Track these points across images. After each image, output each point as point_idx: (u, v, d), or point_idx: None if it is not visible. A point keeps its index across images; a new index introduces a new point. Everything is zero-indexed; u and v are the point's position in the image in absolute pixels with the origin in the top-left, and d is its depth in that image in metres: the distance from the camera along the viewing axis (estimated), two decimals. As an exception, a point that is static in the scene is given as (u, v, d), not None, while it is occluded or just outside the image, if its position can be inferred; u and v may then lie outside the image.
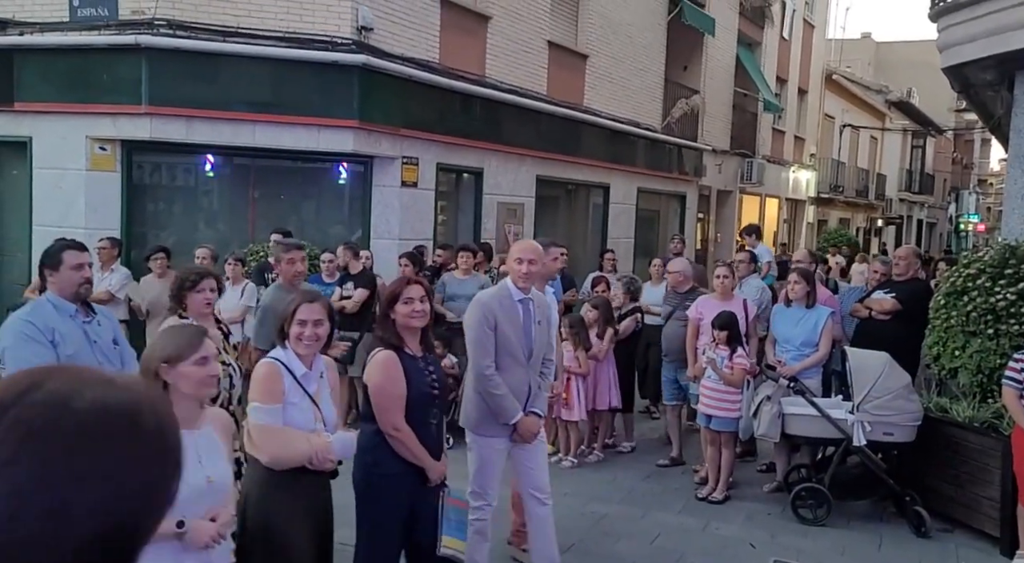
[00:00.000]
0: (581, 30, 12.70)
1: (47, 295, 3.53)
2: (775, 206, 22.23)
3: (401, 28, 9.09)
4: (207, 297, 3.85)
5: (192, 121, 8.16)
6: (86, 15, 8.15)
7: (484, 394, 3.92)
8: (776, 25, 20.20)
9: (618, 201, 13.89)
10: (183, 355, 2.49)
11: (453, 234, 10.33)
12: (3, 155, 8.82)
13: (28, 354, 3.27)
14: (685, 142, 15.81)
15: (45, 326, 3.35)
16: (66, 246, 3.56)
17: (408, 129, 9.12)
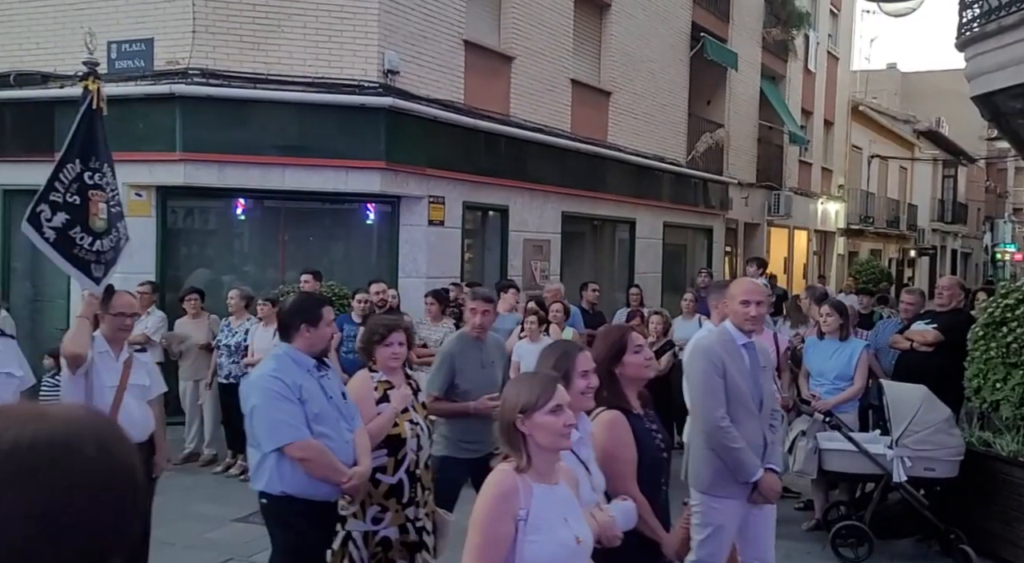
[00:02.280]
0: (604, 67, 12.84)
1: (286, 349, 3.37)
2: (804, 238, 22.03)
3: (427, 70, 9.27)
4: (395, 351, 3.72)
5: (224, 166, 8.35)
6: (124, 67, 8.43)
7: (719, 449, 3.53)
8: (800, 58, 20.25)
9: (644, 236, 13.87)
10: (537, 403, 2.27)
11: (480, 272, 10.37)
12: (43, 203, 9.07)
13: (279, 413, 3.18)
14: (710, 176, 15.80)
15: (292, 383, 3.23)
16: (323, 302, 3.51)
17: (434, 169, 9.24)
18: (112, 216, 4.26)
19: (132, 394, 3.97)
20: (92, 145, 4.28)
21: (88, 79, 4.48)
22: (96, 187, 4.19)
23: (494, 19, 10.68)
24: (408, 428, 3.68)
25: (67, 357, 3.80)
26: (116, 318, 4.02)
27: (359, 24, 8.54)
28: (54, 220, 4.01)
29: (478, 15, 10.27)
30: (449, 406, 4.28)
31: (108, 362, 3.95)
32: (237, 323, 7.34)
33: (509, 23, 10.69)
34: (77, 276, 4.10)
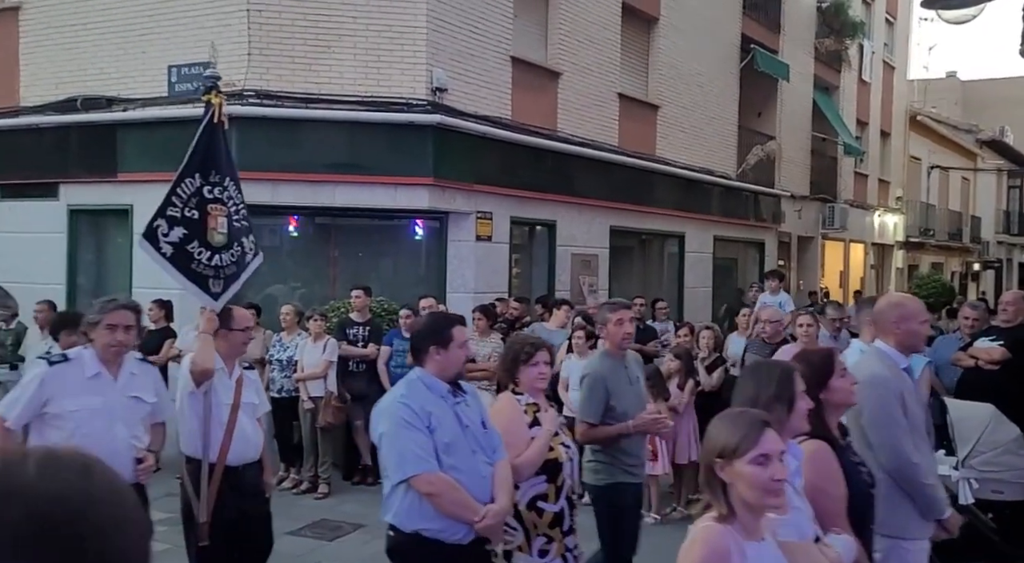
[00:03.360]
0: (651, 81, 12.79)
1: (419, 373, 3.14)
2: (860, 251, 21.48)
3: (474, 87, 9.36)
4: (542, 371, 3.50)
5: (277, 184, 8.55)
6: (183, 89, 8.73)
7: (911, 487, 3.16)
8: (854, 68, 19.84)
9: (694, 250, 13.70)
10: (739, 449, 1.96)
11: (527, 287, 10.38)
12: (108, 222, 9.44)
13: (406, 442, 2.96)
14: (762, 189, 15.56)
15: (421, 409, 3.00)
16: (453, 321, 3.23)
17: (482, 184, 9.31)
18: (234, 230, 4.21)
19: (244, 412, 3.95)
20: (213, 159, 4.23)
21: (210, 93, 4.44)
22: (216, 201, 4.14)
23: (541, 35, 10.75)
24: (563, 452, 3.50)
25: (196, 374, 3.77)
26: (235, 334, 3.99)
27: (407, 43, 8.68)
28: (171, 235, 3.98)
29: (525, 31, 10.34)
30: (607, 430, 4.05)
31: (223, 379, 3.92)
32: (288, 338, 7.49)
33: (556, 39, 10.74)
34: (194, 291, 4.05)
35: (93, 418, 3.47)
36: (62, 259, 9.37)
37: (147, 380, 3.76)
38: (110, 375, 3.58)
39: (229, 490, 3.83)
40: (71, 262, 9.46)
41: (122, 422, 3.55)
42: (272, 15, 8.44)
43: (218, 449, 3.81)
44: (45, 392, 3.46)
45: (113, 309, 3.58)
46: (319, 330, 7.29)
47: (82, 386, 3.50)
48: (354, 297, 7.61)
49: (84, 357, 3.58)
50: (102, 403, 3.50)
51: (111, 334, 3.52)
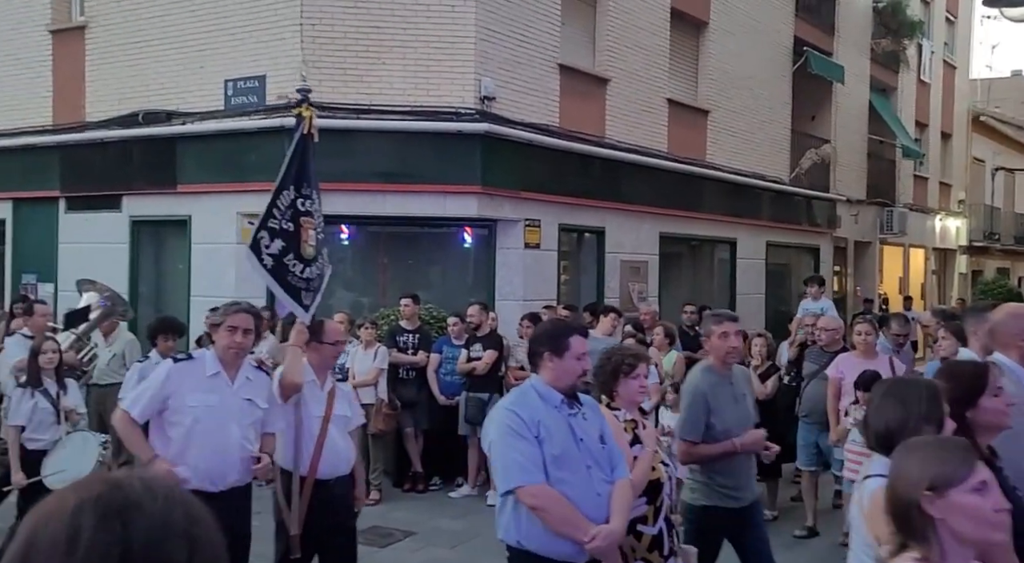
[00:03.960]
0: (701, 86, 12.65)
1: (533, 381, 3.01)
2: (921, 257, 20.83)
3: (521, 95, 9.39)
4: (643, 385, 3.36)
5: (329, 194, 8.62)
6: (239, 103, 8.97)
7: None
8: (912, 68, 19.30)
9: (746, 256, 13.48)
10: (956, 478, 1.74)
11: (576, 294, 10.34)
12: (167, 232, 9.74)
13: (513, 451, 2.83)
14: (816, 193, 15.23)
15: (531, 418, 2.86)
16: (573, 330, 3.08)
17: (530, 192, 9.32)
18: (319, 243, 4.26)
19: (336, 425, 3.92)
20: (304, 172, 4.31)
21: (301, 106, 4.51)
22: (307, 214, 4.20)
23: (589, 42, 10.73)
24: (664, 471, 3.34)
25: (285, 387, 3.80)
26: (326, 347, 3.99)
27: (456, 53, 8.76)
28: (272, 247, 4.03)
29: (573, 39, 10.34)
30: (710, 449, 3.80)
31: (315, 391, 3.92)
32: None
33: (604, 46, 10.71)
34: (290, 304, 4.07)
35: (209, 415, 3.59)
36: (124, 268, 9.69)
37: (261, 386, 3.82)
38: (227, 376, 3.69)
39: (319, 503, 3.82)
40: (133, 271, 9.77)
41: (235, 422, 3.65)
42: (325, 28, 8.62)
43: (309, 462, 3.82)
44: (168, 388, 3.59)
45: (235, 312, 3.70)
46: (370, 338, 7.38)
47: (201, 384, 3.62)
48: (403, 305, 7.69)
49: (206, 357, 3.73)
50: (218, 401, 3.62)
51: (231, 336, 3.63)
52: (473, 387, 7.36)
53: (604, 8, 10.71)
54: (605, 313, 7.88)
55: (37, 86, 10.37)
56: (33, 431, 5.07)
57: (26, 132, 10.34)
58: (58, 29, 10.25)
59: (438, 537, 6.27)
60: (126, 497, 0.86)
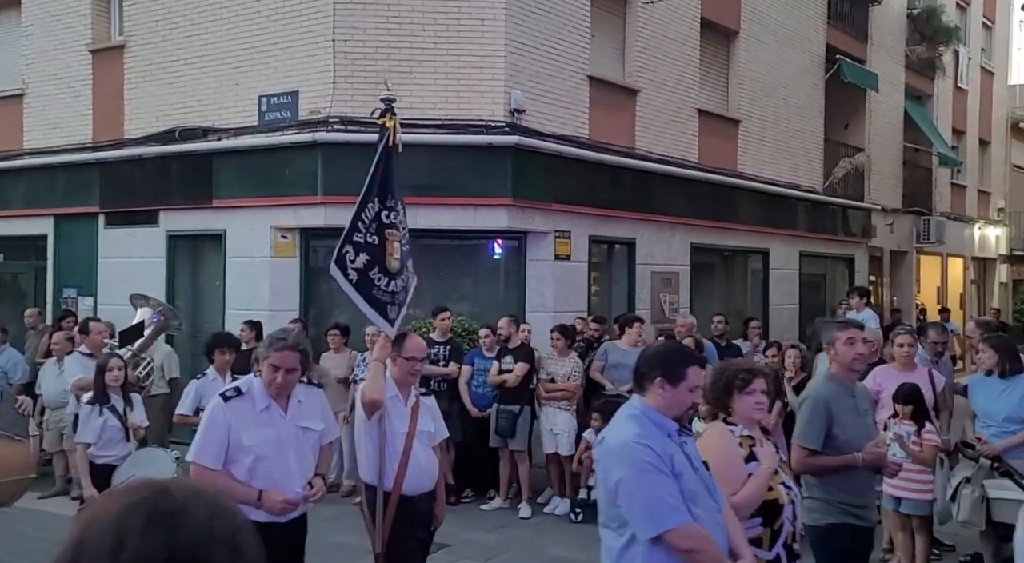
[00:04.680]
0: (732, 96, 12.57)
1: (643, 407, 2.79)
2: (959, 266, 20.41)
3: (551, 107, 9.41)
4: (759, 401, 3.18)
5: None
6: (272, 118, 9.11)
7: None
8: (949, 75, 18.99)
9: (779, 266, 13.32)
10: None
11: (607, 306, 10.29)
12: (203, 246, 9.89)
13: (657, 490, 2.57)
14: (850, 202, 15.02)
15: (664, 452, 2.64)
16: (693, 360, 2.86)
17: (560, 204, 9.32)
18: (404, 255, 4.15)
19: (420, 440, 3.85)
20: (389, 183, 4.22)
21: (385, 117, 4.41)
22: (392, 226, 4.10)
23: (618, 53, 10.73)
24: (784, 492, 3.11)
25: (366, 404, 3.72)
26: (408, 362, 3.88)
27: (486, 66, 8.81)
28: (357, 261, 3.95)
29: (602, 50, 10.35)
30: (830, 460, 3.59)
31: (398, 407, 3.84)
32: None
33: (634, 57, 10.70)
34: (375, 318, 4.00)
35: (268, 451, 3.46)
36: (162, 282, 9.85)
37: (314, 406, 3.69)
38: (279, 407, 3.54)
39: (403, 520, 3.76)
40: (170, 285, 9.93)
41: (294, 452, 3.54)
42: (356, 44, 8.72)
43: (393, 478, 3.75)
44: (228, 426, 3.46)
45: (279, 349, 3.47)
46: (401, 350, 7.41)
47: (255, 420, 3.48)
48: (440, 320, 7.70)
49: (254, 390, 3.54)
50: (275, 435, 3.48)
51: (272, 374, 3.46)
52: (504, 399, 7.36)
53: (634, 19, 10.71)
54: (630, 324, 7.81)
55: (78, 104, 10.64)
56: (102, 448, 5.13)
57: (67, 149, 10.60)
58: (98, 48, 10.51)
59: (471, 550, 6.25)
60: (173, 502, 0.87)
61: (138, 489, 0.90)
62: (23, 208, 10.92)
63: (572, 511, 7.20)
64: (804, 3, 13.96)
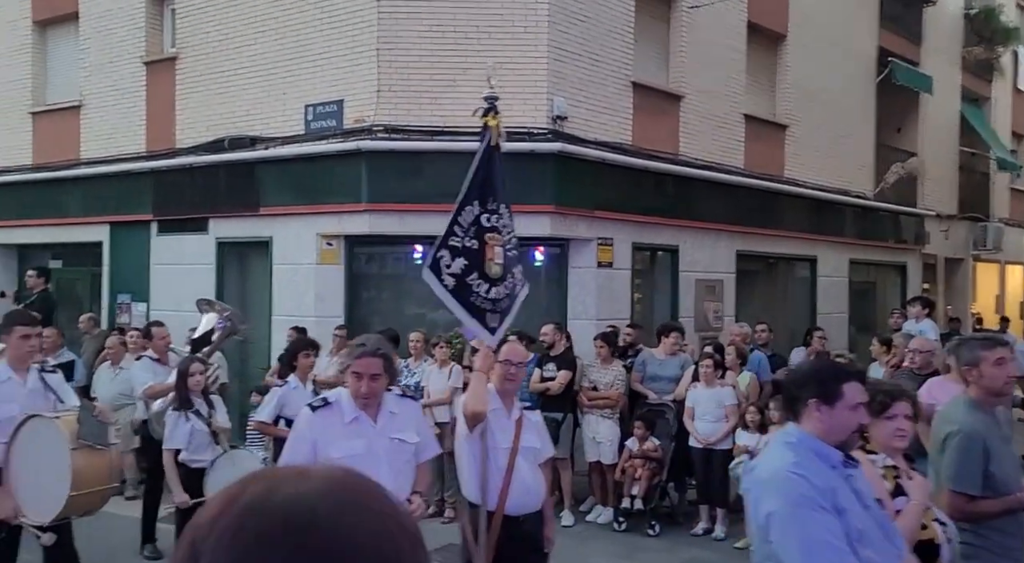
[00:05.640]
0: (779, 101, 12.36)
1: (800, 435, 2.49)
2: (1019, 274, 19.71)
3: (594, 114, 9.37)
4: (901, 427, 2.85)
5: (404, 214, 8.85)
6: (317, 127, 9.24)
7: None
8: (1008, 77, 18.39)
9: (827, 274, 13.03)
10: None
11: (649, 313, 10.19)
12: (250, 254, 10.08)
13: (816, 529, 2.28)
14: (902, 208, 14.63)
15: (825, 485, 2.34)
16: (847, 375, 2.57)
17: (602, 211, 9.26)
18: (508, 260, 3.95)
19: (524, 457, 3.65)
20: (491, 185, 4.03)
21: (488, 115, 4.20)
22: (492, 230, 3.91)
23: (662, 59, 10.64)
24: (939, 530, 2.81)
25: (468, 416, 3.54)
26: (504, 366, 3.70)
27: (528, 73, 8.82)
28: (453, 266, 3.79)
29: (646, 56, 10.27)
30: (993, 505, 3.16)
31: (501, 420, 3.65)
32: (416, 364, 7.68)
33: (678, 62, 10.60)
34: (473, 326, 3.83)
35: (357, 464, 3.23)
36: (211, 288, 10.05)
37: (408, 418, 3.47)
38: (369, 418, 3.35)
39: (507, 541, 3.57)
40: (219, 291, 10.12)
41: (387, 465, 3.29)
42: (400, 53, 8.81)
43: (497, 496, 3.57)
44: (313, 438, 3.30)
45: (359, 356, 3.31)
46: (444, 356, 7.43)
47: (343, 431, 3.31)
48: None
49: (342, 400, 3.37)
50: (365, 447, 3.29)
51: (357, 382, 3.29)
52: (546, 407, 7.30)
53: (678, 25, 10.61)
54: (667, 332, 7.72)
55: (132, 115, 10.95)
56: (193, 452, 5.16)
57: (122, 159, 10.91)
58: (151, 60, 10.81)
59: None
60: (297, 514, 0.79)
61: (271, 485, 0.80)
62: (80, 216, 11.27)
63: (615, 520, 7.13)
64: (855, 5, 13.67)
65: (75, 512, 4.37)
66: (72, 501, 4.21)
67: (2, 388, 4.41)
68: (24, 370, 4.50)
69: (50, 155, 11.70)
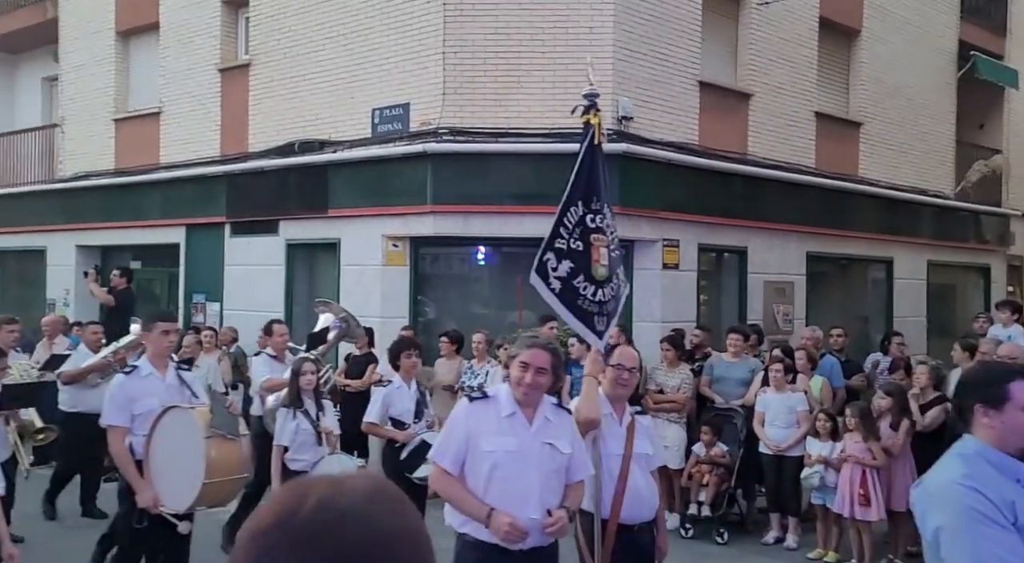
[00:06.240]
0: (853, 97, 11.98)
1: (976, 445, 2.29)
2: (1113, 277, 18.59)
3: (660, 114, 9.25)
4: None
5: (469, 216, 8.91)
6: (385, 130, 9.38)
7: None
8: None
9: (903, 276, 12.55)
10: None
11: (716, 315, 10.01)
12: (319, 255, 10.30)
13: (990, 545, 2.09)
14: (985, 208, 13.99)
15: (1001, 499, 2.14)
16: (1012, 374, 2.34)
17: (668, 212, 9.14)
18: (613, 261, 3.85)
19: (637, 463, 3.55)
20: (594, 184, 3.93)
21: (590, 113, 4.12)
22: (598, 230, 3.81)
23: (731, 57, 10.43)
24: None
25: (581, 423, 3.42)
26: (616, 370, 3.60)
27: (594, 74, 8.74)
28: (559, 269, 3.71)
29: (714, 54, 10.09)
30: None
31: (612, 426, 3.56)
32: (479, 365, 7.72)
33: (747, 60, 10.38)
34: (581, 330, 3.77)
35: (508, 461, 3.15)
36: (281, 289, 10.33)
37: (563, 428, 3.32)
38: (525, 418, 3.23)
39: (622, 551, 3.49)
40: (288, 291, 10.39)
41: (536, 468, 3.18)
42: (466, 56, 8.87)
43: (610, 504, 3.48)
44: (467, 429, 3.22)
45: (529, 346, 3.22)
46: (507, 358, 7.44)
47: (498, 426, 3.21)
48: (546, 329, 7.69)
49: (501, 395, 3.29)
50: (516, 445, 3.18)
51: (521, 372, 3.18)
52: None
53: (747, 22, 10.39)
54: (730, 335, 7.58)
55: (208, 121, 11.32)
56: (295, 451, 5.17)
57: (198, 163, 11.30)
58: (226, 67, 11.16)
59: (575, 562, 6.16)
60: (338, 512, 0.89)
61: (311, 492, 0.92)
62: (159, 218, 11.72)
63: (682, 526, 7.02)
64: (933, -3, 13.16)
65: (208, 501, 4.43)
66: (205, 489, 4.29)
67: (144, 383, 4.55)
68: (163, 366, 4.64)
69: (131, 160, 12.19)
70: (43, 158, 13.73)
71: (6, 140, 14.61)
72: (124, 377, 4.63)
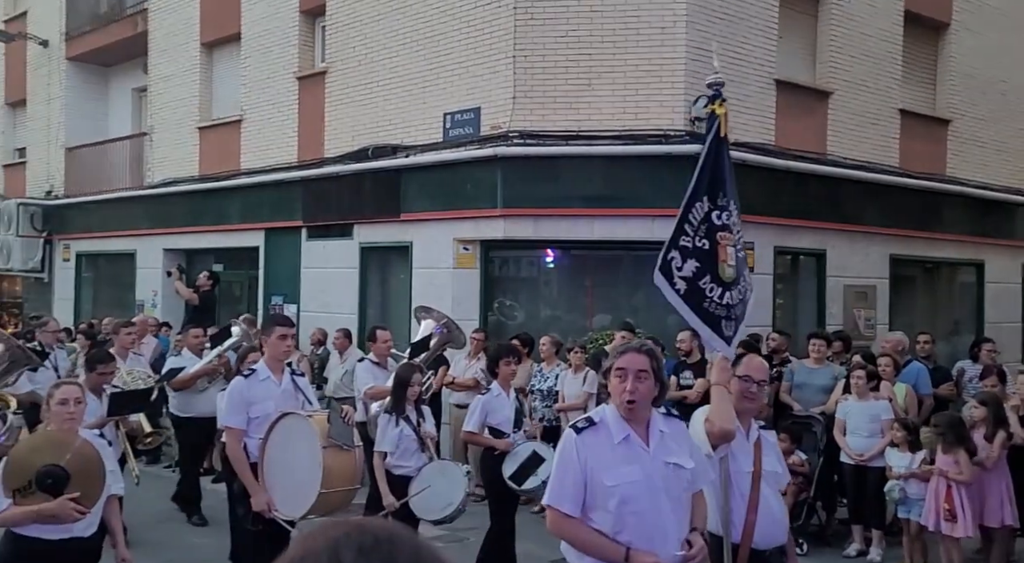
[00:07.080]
0: (940, 94, 11.46)
1: None
2: None
3: (735, 113, 8.98)
4: None
5: (539, 219, 8.91)
6: (456, 134, 9.47)
7: None
8: None
9: (996, 280, 11.93)
10: None
11: (792, 320, 9.72)
12: (392, 258, 10.47)
13: None
14: (1087, 208, 13.16)
15: None
16: None
17: (742, 213, 8.85)
18: (739, 262, 3.61)
19: (767, 482, 3.29)
20: (720, 178, 3.68)
21: (715, 103, 3.91)
22: (724, 228, 3.56)
23: (809, 54, 10.13)
24: None
25: (715, 434, 3.19)
26: (743, 382, 3.35)
27: (666, 75, 8.64)
28: (684, 269, 3.48)
29: (791, 52, 9.82)
30: None
31: (741, 442, 3.28)
32: (548, 368, 7.70)
33: (826, 57, 10.06)
34: (707, 335, 3.53)
35: (636, 493, 2.83)
36: (355, 291, 10.54)
37: (680, 440, 3.02)
38: (640, 439, 2.90)
39: None
40: (362, 294, 10.59)
41: (666, 495, 2.87)
42: (537, 59, 8.87)
43: (741, 527, 3.22)
44: (583, 462, 2.88)
45: (622, 352, 2.98)
46: (579, 362, 7.40)
47: (614, 455, 2.87)
48: (619, 336, 7.61)
49: (607, 418, 2.94)
50: (641, 473, 2.85)
51: (620, 383, 2.88)
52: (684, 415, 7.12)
53: (827, 17, 10.07)
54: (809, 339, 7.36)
55: (286, 127, 11.66)
56: (399, 458, 5.19)
57: (276, 169, 11.65)
58: (303, 75, 11.47)
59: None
60: (376, 534, 0.88)
61: (335, 526, 0.93)
62: (239, 222, 12.13)
63: (755, 538, 6.82)
64: (1029, -14, 12.47)
65: (322, 510, 4.42)
66: (321, 499, 4.29)
67: (261, 387, 4.61)
68: (279, 371, 4.69)
69: (214, 166, 12.67)
70: (133, 165, 14.39)
71: (99, 149, 15.39)
72: (243, 379, 4.66)
